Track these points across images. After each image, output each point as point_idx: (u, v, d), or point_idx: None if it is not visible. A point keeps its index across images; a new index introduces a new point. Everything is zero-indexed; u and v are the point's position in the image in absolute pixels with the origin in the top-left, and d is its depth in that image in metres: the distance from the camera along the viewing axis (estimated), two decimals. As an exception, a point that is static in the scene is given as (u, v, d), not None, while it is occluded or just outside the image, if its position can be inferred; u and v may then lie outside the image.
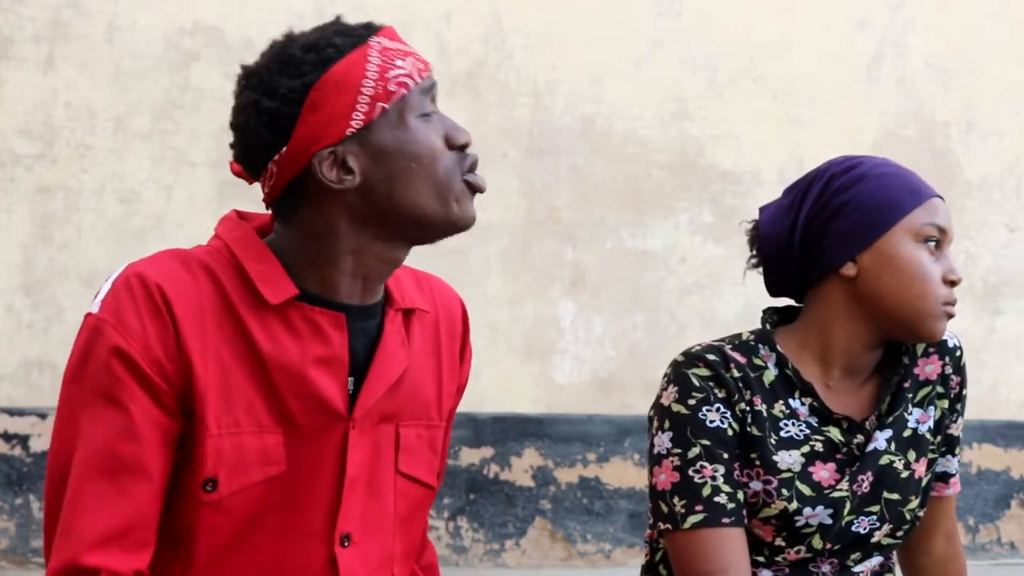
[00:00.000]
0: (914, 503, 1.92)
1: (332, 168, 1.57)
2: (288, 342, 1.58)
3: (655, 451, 1.86)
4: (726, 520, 1.81)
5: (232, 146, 1.64)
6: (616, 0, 4.71)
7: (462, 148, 1.62)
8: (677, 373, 1.86)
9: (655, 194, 4.73)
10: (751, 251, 1.96)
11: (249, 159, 1.61)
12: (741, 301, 4.63)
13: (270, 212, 1.67)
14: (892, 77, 4.91)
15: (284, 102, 1.56)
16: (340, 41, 1.58)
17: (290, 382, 1.58)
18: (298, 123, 1.56)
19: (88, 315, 1.56)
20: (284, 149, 1.57)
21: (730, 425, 1.84)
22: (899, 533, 1.92)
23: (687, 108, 4.75)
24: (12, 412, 4.27)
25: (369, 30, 1.60)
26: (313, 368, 1.59)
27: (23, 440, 4.27)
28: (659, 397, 1.88)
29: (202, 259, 1.59)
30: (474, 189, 1.62)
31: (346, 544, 1.63)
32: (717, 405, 1.84)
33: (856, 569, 1.93)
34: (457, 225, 1.62)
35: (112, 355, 1.52)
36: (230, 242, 1.61)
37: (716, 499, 1.82)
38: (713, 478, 1.82)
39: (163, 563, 1.60)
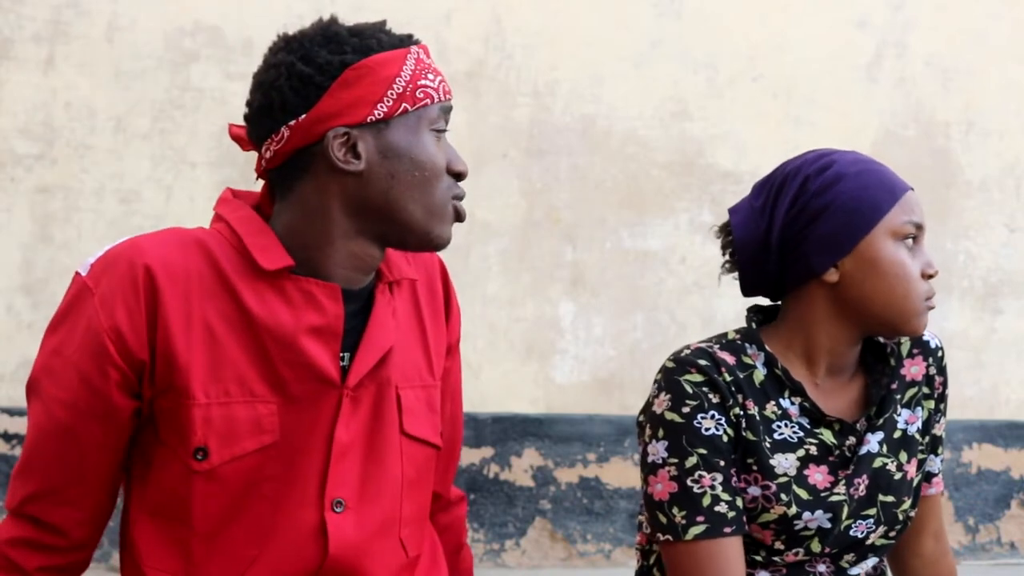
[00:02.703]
0: (907, 504, 1.91)
1: (342, 148, 1.62)
2: (282, 310, 1.63)
3: (649, 460, 1.83)
4: (727, 529, 1.80)
5: (248, 104, 1.68)
6: (616, 0, 4.70)
7: (457, 177, 1.69)
8: (669, 380, 1.83)
9: (655, 194, 4.73)
10: (724, 255, 1.95)
11: (263, 118, 1.65)
12: (740, 301, 4.61)
13: (261, 186, 1.72)
14: (892, 77, 4.90)
15: (318, 71, 1.62)
16: (384, 38, 1.65)
17: (282, 350, 1.63)
18: (325, 95, 1.61)
19: (77, 273, 1.63)
20: (303, 116, 1.62)
21: (725, 431, 1.82)
22: (892, 534, 1.92)
23: (687, 108, 4.74)
24: (12, 412, 4.26)
25: (410, 40, 1.68)
26: (306, 337, 1.63)
27: (23, 440, 4.26)
28: (650, 404, 1.85)
29: (200, 237, 1.64)
30: (457, 216, 1.69)
31: (338, 509, 1.65)
32: (712, 412, 1.82)
33: (852, 572, 1.92)
34: (433, 243, 1.68)
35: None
36: (232, 221, 1.66)
37: (717, 508, 1.80)
38: (712, 487, 1.80)
39: (165, 534, 1.64)
